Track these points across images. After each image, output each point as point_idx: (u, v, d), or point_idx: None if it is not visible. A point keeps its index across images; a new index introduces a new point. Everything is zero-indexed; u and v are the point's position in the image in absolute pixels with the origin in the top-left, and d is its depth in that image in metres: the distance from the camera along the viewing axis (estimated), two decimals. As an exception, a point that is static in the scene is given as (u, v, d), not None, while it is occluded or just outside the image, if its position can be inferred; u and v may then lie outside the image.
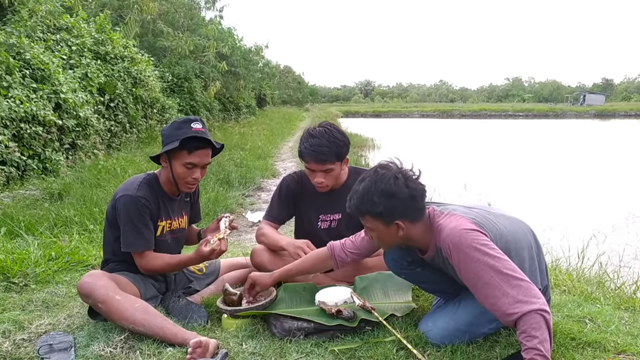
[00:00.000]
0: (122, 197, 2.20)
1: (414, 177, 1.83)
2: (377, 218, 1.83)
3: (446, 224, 1.81)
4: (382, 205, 1.79)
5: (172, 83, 14.51)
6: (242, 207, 6.00)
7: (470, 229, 1.74)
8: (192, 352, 1.80)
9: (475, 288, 1.72)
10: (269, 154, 11.11)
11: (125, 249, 2.21)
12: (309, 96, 53.37)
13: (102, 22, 9.89)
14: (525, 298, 1.61)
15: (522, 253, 1.87)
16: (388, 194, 1.78)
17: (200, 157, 2.22)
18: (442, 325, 1.98)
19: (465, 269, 1.72)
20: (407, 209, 1.81)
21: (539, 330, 1.58)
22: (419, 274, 2.14)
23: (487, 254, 1.68)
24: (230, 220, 2.44)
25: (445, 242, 1.77)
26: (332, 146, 2.35)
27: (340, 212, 2.61)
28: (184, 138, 2.15)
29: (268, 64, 24.71)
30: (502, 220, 1.90)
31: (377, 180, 1.80)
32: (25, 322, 2.15)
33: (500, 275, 1.65)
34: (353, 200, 1.87)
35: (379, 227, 1.86)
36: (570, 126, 31.79)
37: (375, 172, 1.84)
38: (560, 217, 6.07)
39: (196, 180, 2.27)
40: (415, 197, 1.81)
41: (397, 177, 1.80)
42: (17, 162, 5.94)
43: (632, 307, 2.60)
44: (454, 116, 48.66)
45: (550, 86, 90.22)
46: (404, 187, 1.79)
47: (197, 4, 18.14)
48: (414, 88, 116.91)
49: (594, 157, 14.51)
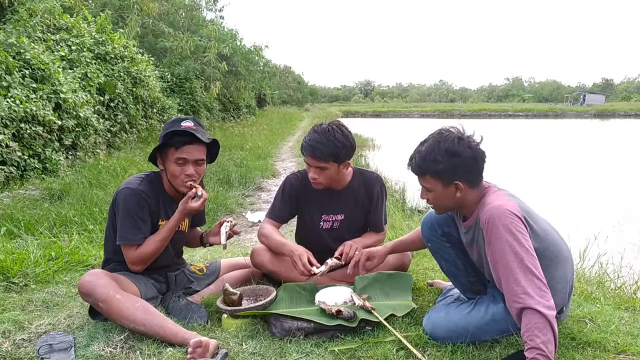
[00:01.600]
0: (123, 190, 2.19)
1: (476, 142, 1.87)
2: (438, 177, 1.86)
3: (495, 200, 1.83)
4: (444, 163, 1.83)
5: (172, 83, 14.52)
6: (242, 207, 6.00)
7: (514, 213, 1.76)
8: (192, 352, 1.80)
9: (495, 266, 1.76)
10: (268, 154, 11.10)
11: (121, 241, 2.17)
12: (309, 96, 53.40)
13: (103, 22, 9.90)
14: (534, 294, 1.62)
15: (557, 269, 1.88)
16: (451, 153, 1.82)
17: (190, 152, 2.18)
18: (454, 320, 1.98)
19: (492, 245, 1.75)
20: (468, 170, 1.86)
21: (542, 330, 1.58)
22: (445, 249, 2.17)
23: (518, 240, 1.70)
24: (231, 225, 2.45)
25: (485, 214, 1.79)
26: (330, 145, 2.34)
27: (343, 213, 2.61)
28: (166, 134, 2.16)
29: (268, 63, 24.68)
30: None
31: (441, 140, 1.85)
32: (25, 322, 2.15)
33: (521, 265, 1.67)
34: (415, 159, 1.90)
35: (437, 187, 1.89)
36: (570, 126, 31.77)
37: (439, 133, 1.89)
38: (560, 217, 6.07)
39: (190, 177, 2.20)
40: (476, 159, 1.85)
41: (461, 137, 1.85)
42: (17, 161, 5.94)
43: (632, 307, 2.59)
44: (454, 116, 48.58)
45: (550, 86, 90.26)
46: (467, 147, 1.83)
47: (198, 4, 18.15)
48: (413, 88, 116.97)
49: (594, 156, 14.51)
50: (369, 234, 2.69)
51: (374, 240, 2.65)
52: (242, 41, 19.79)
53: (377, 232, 2.70)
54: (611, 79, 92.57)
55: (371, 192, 2.61)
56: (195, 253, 3.46)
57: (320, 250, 2.49)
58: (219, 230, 2.51)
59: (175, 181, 2.23)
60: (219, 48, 15.76)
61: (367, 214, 2.66)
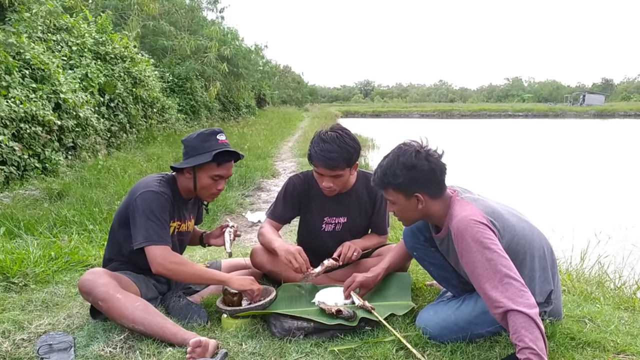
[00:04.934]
0: (144, 193, 2.15)
1: (435, 155, 1.92)
2: (398, 190, 1.93)
3: (460, 211, 1.87)
4: (403, 177, 1.89)
5: (172, 83, 14.52)
6: (241, 207, 6.01)
7: (478, 221, 1.80)
8: (192, 352, 1.80)
9: (471, 276, 1.80)
10: (268, 154, 11.11)
11: (143, 243, 2.09)
12: (309, 96, 53.38)
13: (103, 23, 9.90)
14: (513, 296, 1.66)
15: (534, 259, 1.92)
16: (408, 166, 1.89)
17: (228, 169, 2.29)
18: (443, 316, 2.02)
19: (465, 258, 1.80)
20: (427, 181, 1.91)
21: (529, 329, 1.61)
22: (431, 254, 2.19)
23: (487, 247, 1.74)
24: (234, 232, 2.48)
25: (453, 227, 1.85)
26: (343, 152, 2.32)
27: (346, 216, 2.60)
28: (216, 153, 2.19)
29: (268, 63, 24.69)
30: (522, 224, 1.96)
31: (400, 154, 1.92)
32: (25, 322, 2.15)
33: (495, 271, 1.71)
34: (377, 173, 1.97)
35: (400, 200, 1.96)
36: (570, 126, 31.79)
37: (398, 148, 1.95)
38: (561, 217, 6.07)
39: (220, 191, 2.33)
40: (434, 171, 1.91)
41: (418, 151, 1.91)
42: (17, 161, 5.94)
43: (632, 307, 2.60)
44: (454, 116, 48.65)
45: (550, 86, 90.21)
46: (424, 160, 1.89)
47: (198, 4, 18.15)
48: (413, 88, 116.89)
49: (595, 156, 14.51)
50: (370, 236, 2.69)
51: (376, 242, 2.64)
52: (242, 41, 19.83)
53: (379, 235, 2.70)
54: (611, 79, 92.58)
55: (374, 195, 2.61)
56: (195, 253, 3.46)
57: (322, 252, 2.49)
58: (219, 234, 2.52)
59: (203, 192, 2.31)
60: (220, 49, 15.77)
61: (370, 217, 2.65)
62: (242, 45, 19.22)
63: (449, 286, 2.26)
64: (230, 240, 2.45)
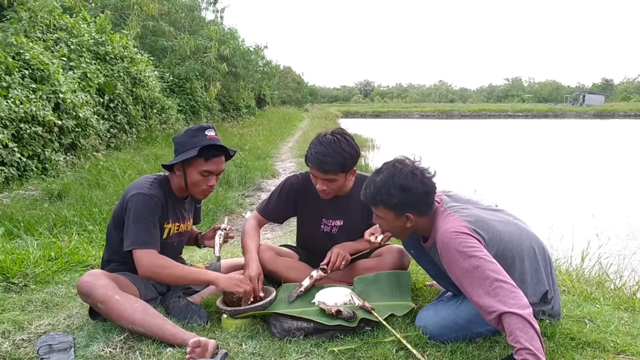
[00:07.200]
0: (135, 195, 2.16)
1: (428, 175, 1.93)
2: (390, 209, 1.95)
3: (442, 224, 1.90)
4: (398, 197, 1.90)
5: (172, 83, 14.52)
6: (241, 207, 6.01)
7: (460, 232, 1.82)
8: (191, 352, 1.80)
9: (462, 287, 1.81)
10: (268, 154, 11.11)
11: (131, 246, 2.11)
12: (309, 96, 53.34)
13: (103, 23, 9.89)
14: (504, 299, 1.66)
15: (523, 262, 1.92)
16: (404, 188, 1.89)
17: (217, 165, 2.26)
18: (443, 315, 2.02)
19: (453, 270, 1.83)
20: (420, 203, 1.93)
21: (523, 329, 1.61)
22: (427, 254, 2.19)
23: (473, 255, 1.75)
24: (225, 235, 2.46)
25: (439, 241, 1.88)
26: (337, 157, 2.31)
27: (342, 219, 2.59)
28: (202, 146, 2.16)
29: (268, 64, 24.68)
30: (510, 228, 1.97)
31: (395, 174, 1.91)
32: (25, 323, 2.15)
33: (483, 277, 1.72)
34: (369, 189, 1.97)
35: (389, 217, 1.98)
36: (570, 126, 31.80)
37: (393, 166, 1.94)
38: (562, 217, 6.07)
39: (211, 187, 2.30)
40: (428, 193, 1.93)
41: (414, 172, 1.91)
42: (17, 162, 5.94)
43: (632, 308, 2.60)
44: (454, 116, 48.66)
45: (550, 86, 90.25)
46: (419, 182, 1.90)
47: (198, 4, 18.15)
48: (413, 88, 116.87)
49: (595, 156, 14.52)
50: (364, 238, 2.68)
51: (368, 245, 2.63)
52: (243, 41, 19.82)
53: None
54: (611, 79, 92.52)
55: None
56: (195, 253, 3.46)
57: (322, 252, 2.48)
58: (213, 235, 2.50)
59: (194, 189, 2.28)
60: (220, 49, 15.77)
61: (367, 221, 2.64)
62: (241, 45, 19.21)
63: (448, 284, 2.24)
64: (220, 244, 2.42)
